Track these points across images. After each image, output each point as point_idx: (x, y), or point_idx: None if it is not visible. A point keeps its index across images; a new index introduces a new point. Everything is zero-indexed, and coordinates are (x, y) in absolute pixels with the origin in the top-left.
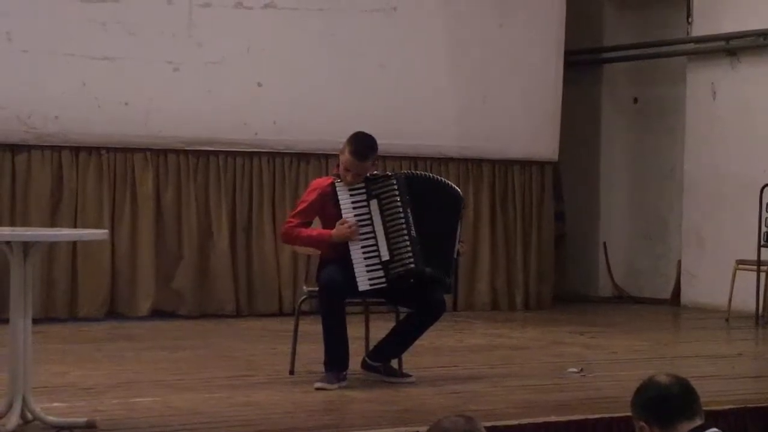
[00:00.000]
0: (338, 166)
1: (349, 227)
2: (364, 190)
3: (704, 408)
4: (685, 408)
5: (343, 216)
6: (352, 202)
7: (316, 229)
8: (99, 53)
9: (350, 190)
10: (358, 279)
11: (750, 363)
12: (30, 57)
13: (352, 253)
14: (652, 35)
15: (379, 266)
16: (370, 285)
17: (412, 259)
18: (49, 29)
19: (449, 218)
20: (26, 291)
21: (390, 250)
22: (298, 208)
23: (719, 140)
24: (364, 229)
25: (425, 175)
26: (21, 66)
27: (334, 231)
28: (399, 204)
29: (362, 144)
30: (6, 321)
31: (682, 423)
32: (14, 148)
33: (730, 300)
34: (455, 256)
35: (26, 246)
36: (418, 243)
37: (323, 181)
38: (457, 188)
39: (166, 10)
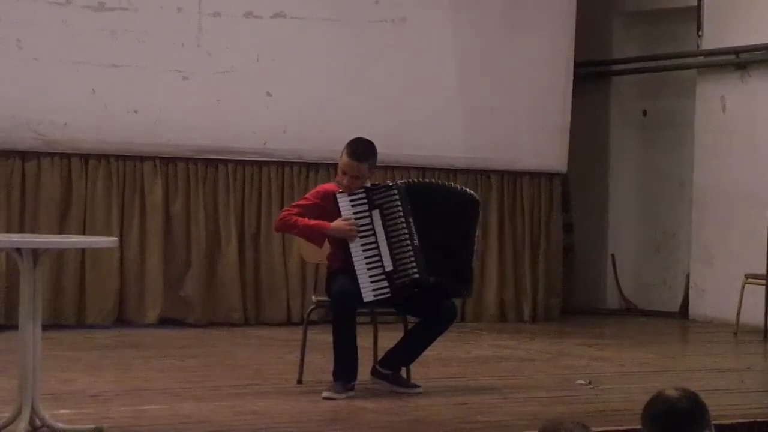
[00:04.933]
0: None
1: (349, 225)
2: (365, 200)
3: (713, 422)
4: (695, 422)
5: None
6: (354, 213)
7: (315, 220)
8: (108, 61)
9: (351, 200)
10: (362, 290)
11: (759, 377)
12: (40, 65)
13: (355, 263)
14: (662, 48)
15: (383, 277)
16: (374, 296)
17: (416, 269)
18: (59, 37)
19: (458, 223)
20: (36, 297)
21: (393, 260)
22: (300, 202)
23: (728, 153)
24: (367, 240)
25: (428, 182)
26: (31, 73)
27: (333, 223)
28: (401, 213)
29: (360, 147)
30: (15, 327)
31: None
32: (24, 155)
33: (738, 314)
34: (472, 257)
35: (36, 253)
36: (422, 252)
37: (329, 186)
38: (467, 191)
39: (176, 19)
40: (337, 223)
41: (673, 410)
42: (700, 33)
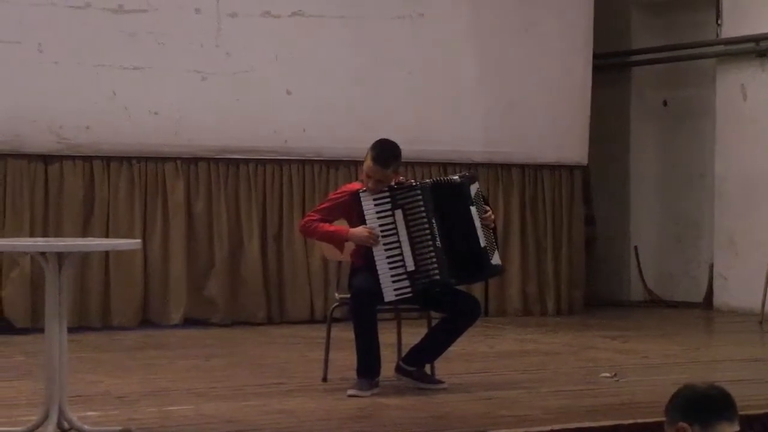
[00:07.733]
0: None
1: (369, 233)
2: (389, 200)
3: (739, 412)
4: (726, 410)
5: (368, 225)
6: (377, 212)
7: (334, 225)
8: (128, 63)
9: (375, 199)
10: (383, 289)
11: None
12: (61, 68)
13: (377, 262)
14: (681, 37)
15: (405, 276)
16: (396, 296)
17: (437, 271)
18: (79, 40)
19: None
20: (61, 301)
21: (415, 260)
22: (322, 205)
23: (750, 142)
24: (390, 239)
25: (451, 180)
26: (52, 77)
27: (352, 229)
28: (423, 214)
29: (384, 151)
30: (41, 330)
31: (722, 424)
32: (46, 159)
33: (763, 303)
34: (491, 236)
35: (61, 257)
36: (444, 254)
37: (353, 186)
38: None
39: (195, 20)
40: (358, 230)
41: (704, 396)
42: (719, 21)
